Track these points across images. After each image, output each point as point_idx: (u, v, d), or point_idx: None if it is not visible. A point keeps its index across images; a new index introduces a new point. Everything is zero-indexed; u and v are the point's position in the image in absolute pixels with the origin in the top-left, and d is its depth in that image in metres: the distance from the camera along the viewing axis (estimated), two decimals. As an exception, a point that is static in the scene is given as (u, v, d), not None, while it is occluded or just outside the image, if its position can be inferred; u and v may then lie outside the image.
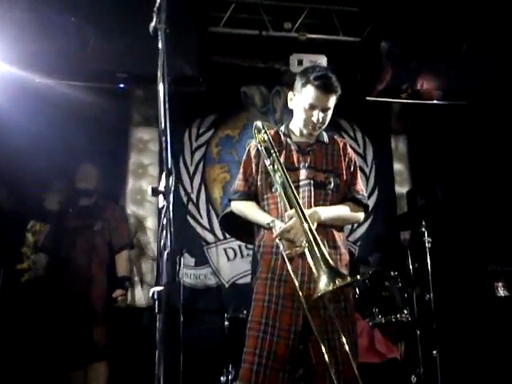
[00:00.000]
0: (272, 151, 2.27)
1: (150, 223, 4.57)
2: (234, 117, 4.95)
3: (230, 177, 4.76)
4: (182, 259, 3.99)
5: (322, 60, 4.34)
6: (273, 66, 4.89)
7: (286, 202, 2.17)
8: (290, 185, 2.17)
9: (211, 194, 4.72)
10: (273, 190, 2.31)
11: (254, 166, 2.40)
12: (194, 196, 4.70)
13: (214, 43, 4.52)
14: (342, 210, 2.33)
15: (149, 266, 4.45)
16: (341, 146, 2.46)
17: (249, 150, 2.46)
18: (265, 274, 2.25)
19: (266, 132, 2.34)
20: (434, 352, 3.17)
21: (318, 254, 1.95)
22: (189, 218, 4.61)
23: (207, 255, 4.56)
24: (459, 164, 4.79)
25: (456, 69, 4.53)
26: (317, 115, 2.30)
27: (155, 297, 1.39)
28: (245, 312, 3.36)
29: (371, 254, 4.64)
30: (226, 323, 3.42)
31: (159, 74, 1.62)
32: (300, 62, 4.33)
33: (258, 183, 2.39)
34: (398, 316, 2.99)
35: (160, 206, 1.51)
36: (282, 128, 2.48)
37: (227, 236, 4.50)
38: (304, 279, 2.15)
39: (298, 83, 2.35)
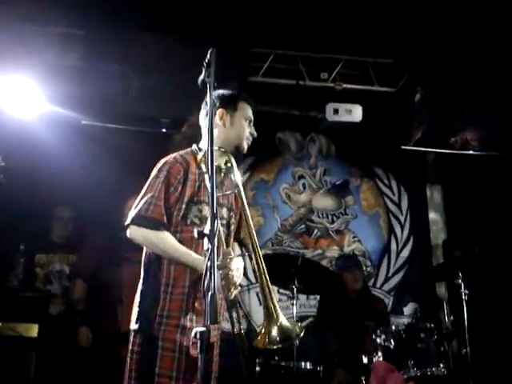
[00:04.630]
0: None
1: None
2: (269, 161, 5.06)
3: (264, 220, 4.82)
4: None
5: (357, 109, 4.44)
6: (308, 114, 5.00)
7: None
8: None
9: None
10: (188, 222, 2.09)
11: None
12: (228, 238, 4.76)
13: (253, 92, 4.68)
14: None
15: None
16: None
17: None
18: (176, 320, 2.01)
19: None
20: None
21: (271, 306, 1.91)
22: (222, 259, 4.65)
23: (239, 298, 4.57)
24: (496, 215, 4.72)
25: (493, 119, 4.56)
26: (253, 129, 2.28)
27: (197, 337, 1.43)
28: (276, 358, 3.33)
29: (406, 305, 4.55)
30: (258, 368, 3.38)
31: (208, 121, 1.73)
32: (336, 111, 4.43)
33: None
34: (434, 369, 2.91)
35: (205, 248, 1.57)
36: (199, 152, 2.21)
37: (259, 280, 4.50)
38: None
39: (230, 102, 2.24)
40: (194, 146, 2.22)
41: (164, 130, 4.26)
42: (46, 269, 3.92)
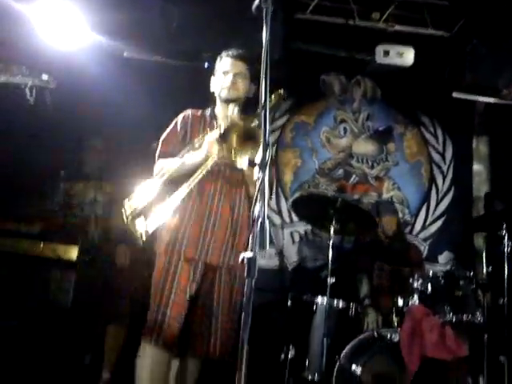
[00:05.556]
0: None
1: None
2: (310, 104, 4.95)
3: (302, 162, 4.80)
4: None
5: (410, 52, 4.24)
6: (354, 56, 4.82)
7: None
8: None
9: (282, 177, 4.75)
10: None
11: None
12: (264, 177, 4.78)
13: (299, 29, 4.53)
14: None
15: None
16: None
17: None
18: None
19: None
20: (502, 358, 3.08)
21: None
22: (258, 197, 4.70)
23: (273, 236, 4.61)
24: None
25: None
26: (230, 78, 2.55)
27: (245, 262, 1.47)
28: (309, 294, 3.41)
29: (441, 253, 4.54)
30: (289, 303, 3.47)
31: (263, 52, 1.68)
32: (386, 53, 4.25)
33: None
34: (470, 317, 2.93)
35: (255, 177, 1.58)
36: (209, 111, 2.68)
37: (294, 219, 4.56)
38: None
39: (216, 66, 2.67)
40: (208, 110, 2.68)
41: (206, 65, 4.18)
42: (78, 197, 4.00)
